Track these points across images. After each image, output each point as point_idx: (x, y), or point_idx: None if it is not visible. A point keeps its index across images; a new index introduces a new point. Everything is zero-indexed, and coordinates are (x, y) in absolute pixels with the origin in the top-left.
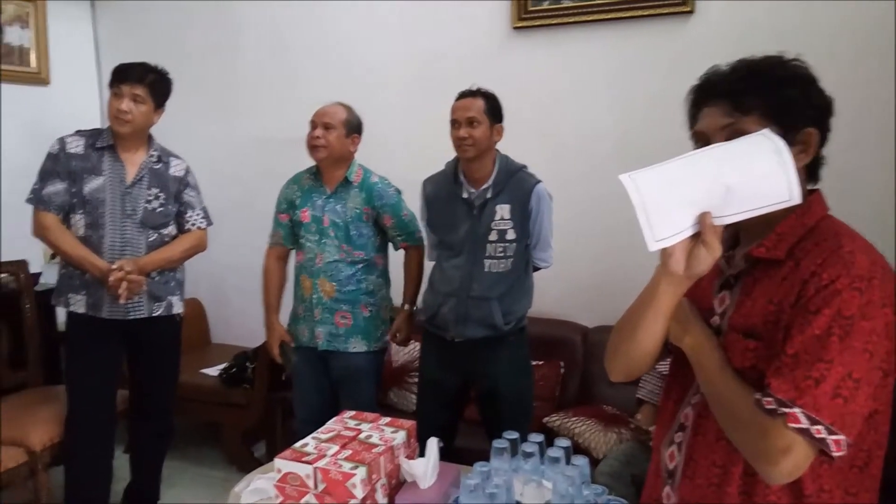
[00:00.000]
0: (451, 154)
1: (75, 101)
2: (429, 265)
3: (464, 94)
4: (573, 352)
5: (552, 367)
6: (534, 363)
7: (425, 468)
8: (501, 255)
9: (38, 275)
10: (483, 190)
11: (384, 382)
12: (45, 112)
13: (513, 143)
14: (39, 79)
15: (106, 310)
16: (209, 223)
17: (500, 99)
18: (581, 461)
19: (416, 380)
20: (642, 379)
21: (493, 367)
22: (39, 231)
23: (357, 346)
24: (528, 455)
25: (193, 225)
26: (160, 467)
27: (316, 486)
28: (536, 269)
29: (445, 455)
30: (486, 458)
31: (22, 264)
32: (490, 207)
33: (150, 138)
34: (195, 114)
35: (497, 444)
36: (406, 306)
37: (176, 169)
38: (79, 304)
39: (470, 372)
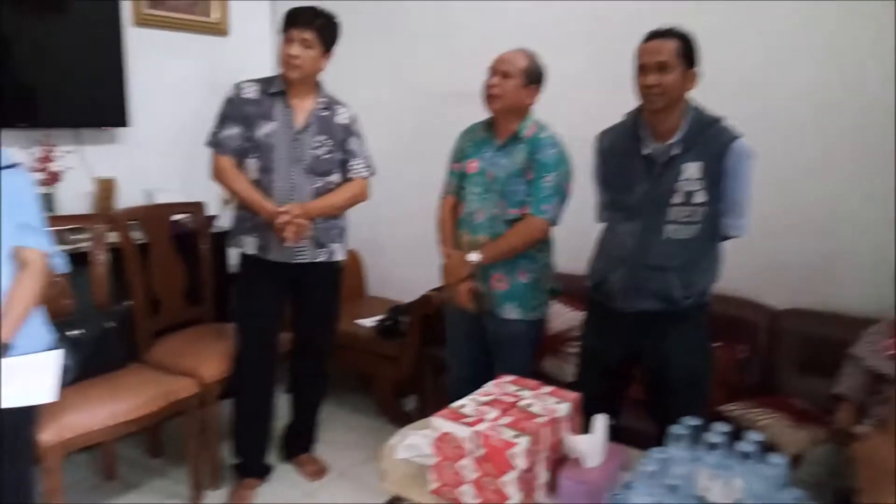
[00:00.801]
0: (626, 107)
1: (251, 50)
2: (588, 230)
3: (653, 35)
4: (756, 336)
5: (730, 350)
6: (713, 345)
7: (593, 445)
8: (686, 220)
9: (214, 217)
10: (668, 145)
11: (539, 350)
12: (224, 61)
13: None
14: (219, 29)
15: (273, 252)
16: (372, 173)
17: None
18: (779, 460)
19: (574, 349)
20: (843, 372)
21: (666, 344)
22: (216, 173)
23: (511, 312)
24: (713, 446)
25: (357, 174)
26: (318, 409)
27: (474, 451)
28: (725, 237)
29: (611, 434)
30: (651, 442)
31: (199, 206)
32: (675, 165)
33: (318, 85)
34: (362, 63)
35: (676, 429)
36: (474, 256)
37: (342, 117)
38: (249, 245)
39: (638, 348)
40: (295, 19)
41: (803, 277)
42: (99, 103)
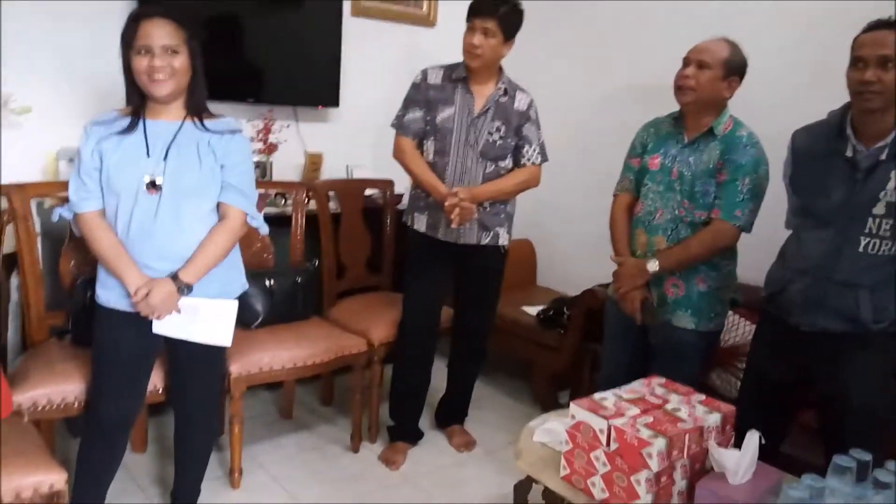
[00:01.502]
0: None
1: (453, 40)
2: (775, 237)
3: (875, 25)
4: None
5: None
6: None
7: (739, 462)
8: (888, 234)
9: (401, 196)
10: (877, 149)
11: (708, 363)
12: (427, 50)
13: None
14: (428, 21)
15: (441, 232)
16: (544, 159)
17: None
18: None
19: (742, 365)
20: None
21: (846, 371)
22: (396, 153)
23: (683, 321)
24: (883, 485)
25: (529, 160)
26: (472, 383)
27: (608, 444)
28: None
29: (766, 456)
30: (812, 470)
31: (389, 183)
32: (883, 172)
33: (500, 70)
34: (546, 50)
35: (839, 460)
36: (651, 265)
37: (520, 103)
38: (420, 223)
39: (813, 370)
40: (478, 9)
41: None
42: (316, 85)
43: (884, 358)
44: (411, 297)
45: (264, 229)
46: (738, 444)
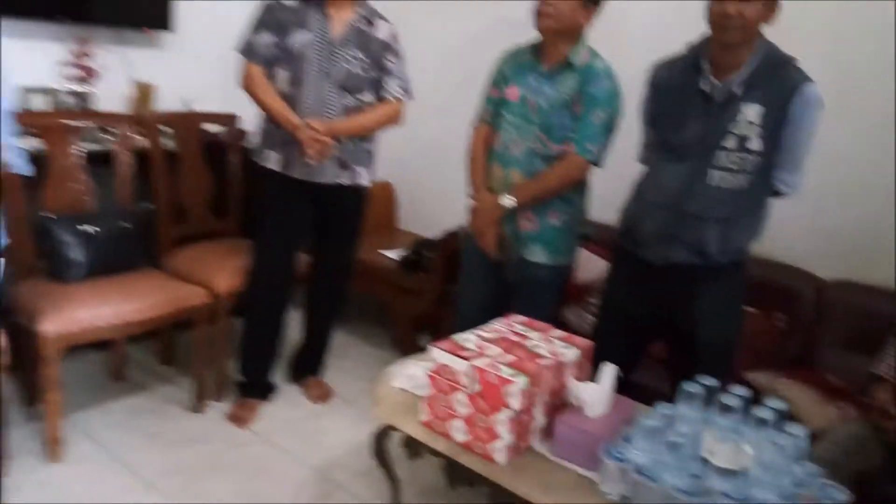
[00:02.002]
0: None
1: None
2: (627, 175)
3: None
4: (799, 306)
5: (766, 317)
6: (746, 309)
7: (597, 394)
8: (735, 167)
9: (246, 132)
10: (730, 82)
11: (563, 298)
12: None
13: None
14: None
15: (297, 170)
16: (408, 96)
17: None
18: (798, 431)
19: (593, 300)
20: (886, 351)
21: (696, 302)
22: (244, 81)
23: (538, 255)
24: (728, 408)
25: (391, 95)
26: (330, 332)
27: (470, 386)
28: (775, 193)
29: (621, 388)
30: (663, 398)
31: (231, 117)
32: (734, 106)
33: None
34: None
35: (688, 387)
36: (507, 200)
37: (382, 32)
38: (273, 161)
39: (664, 303)
40: None
41: (857, 248)
42: (142, 4)
43: (732, 288)
44: (264, 242)
45: (19, 167)
46: (595, 378)
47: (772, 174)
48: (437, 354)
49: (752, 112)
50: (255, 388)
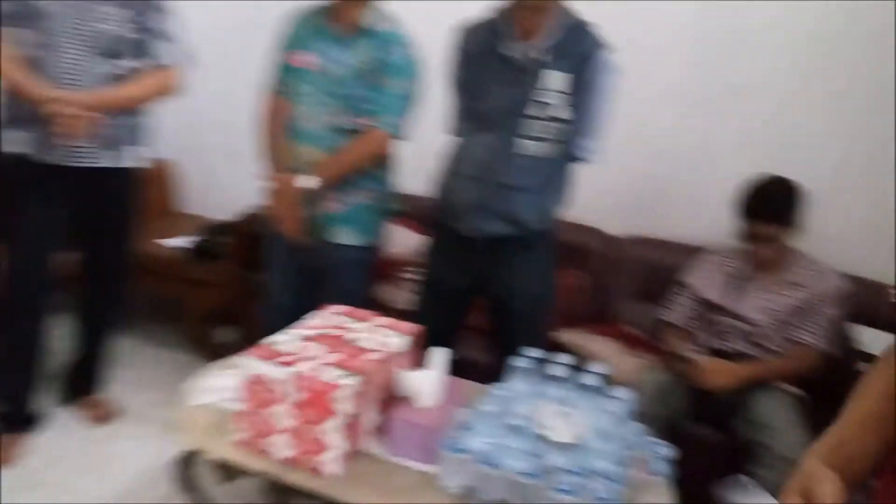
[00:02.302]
0: None
1: None
2: (436, 145)
3: None
4: (594, 262)
5: (568, 277)
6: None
7: (428, 382)
8: (543, 136)
9: None
10: (531, 47)
11: (373, 276)
12: None
13: None
14: None
15: (51, 153)
16: (185, 61)
17: None
18: (625, 394)
19: (411, 276)
20: (673, 300)
21: (512, 271)
22: None
23: (346, 236)
24: (556, 379)
25: (163, 60)
26: (107, 342)
27: (292, 396)
28: (578, 160)
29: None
30: (492, 373)
31: None
32: (539, 73)
33: None
34: None
35: (518, 363)
36: (309, 181)
37: None
38: (19, 142)
39: (483, 274)
40: None
41: (641, 205)
42: None
43: (545, 255)
44: (16, 243)
45: None
46: (424, 363)
47: (573, 141)
48: (250, 363)
49: (556, 79)
50: (16, 419)
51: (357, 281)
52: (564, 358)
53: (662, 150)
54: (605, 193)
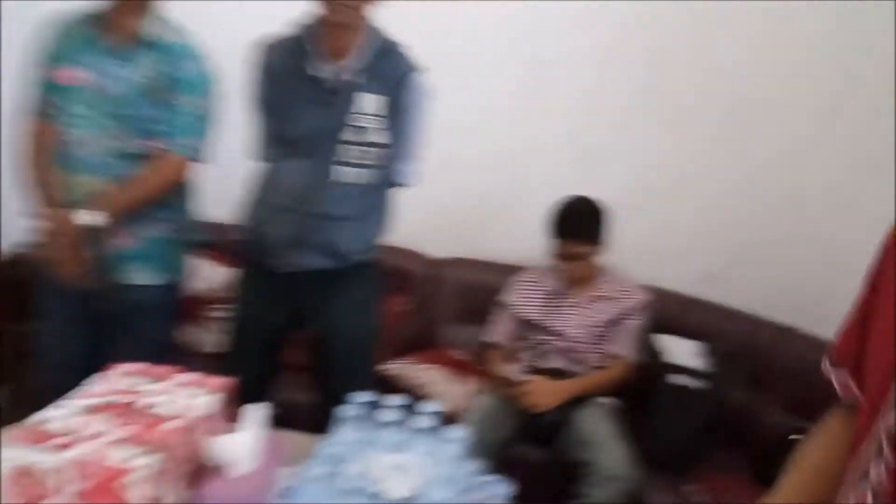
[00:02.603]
0: None
1: None
2: (241, 168)
3: None
4: (415, 287)
5: (391, 303)
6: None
7: (242, 446)
8: (360, 161)
9: None
10: (343, 68)
11: (176, 318)
12: None
13: None
14: None
15: None
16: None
17: None
18: (458, 433)
19: (218, 314)
20: (494, 320)
21: (335, 307)
22: None
23: (141, 276)
24: (389, 424)
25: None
26: None
27: (66, 488)
28: (392, 184)
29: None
30: (315, 414)
31: None
32: (348, 94)
33: None
34: None
35: (348, 410)
36: (92, 217)
37: None
38: None
39: (301, 310)
40: None
41: (460, 226)
42: None
43: (367, 286)
44: None
45: None
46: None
47: (392, 166)
48: (11, 453)
49: (370, 102)
50: None
51: (158, 327)
52: (395, 399)
53: (480, 171)
54: (424, 216)
